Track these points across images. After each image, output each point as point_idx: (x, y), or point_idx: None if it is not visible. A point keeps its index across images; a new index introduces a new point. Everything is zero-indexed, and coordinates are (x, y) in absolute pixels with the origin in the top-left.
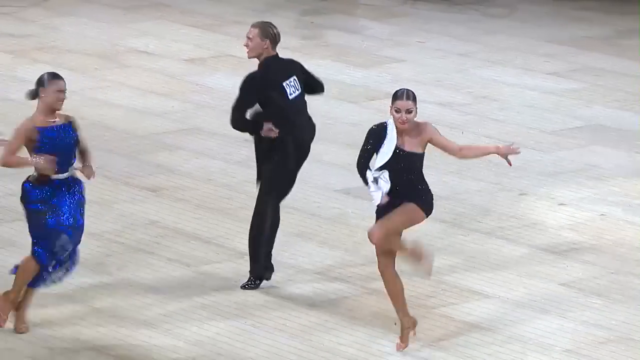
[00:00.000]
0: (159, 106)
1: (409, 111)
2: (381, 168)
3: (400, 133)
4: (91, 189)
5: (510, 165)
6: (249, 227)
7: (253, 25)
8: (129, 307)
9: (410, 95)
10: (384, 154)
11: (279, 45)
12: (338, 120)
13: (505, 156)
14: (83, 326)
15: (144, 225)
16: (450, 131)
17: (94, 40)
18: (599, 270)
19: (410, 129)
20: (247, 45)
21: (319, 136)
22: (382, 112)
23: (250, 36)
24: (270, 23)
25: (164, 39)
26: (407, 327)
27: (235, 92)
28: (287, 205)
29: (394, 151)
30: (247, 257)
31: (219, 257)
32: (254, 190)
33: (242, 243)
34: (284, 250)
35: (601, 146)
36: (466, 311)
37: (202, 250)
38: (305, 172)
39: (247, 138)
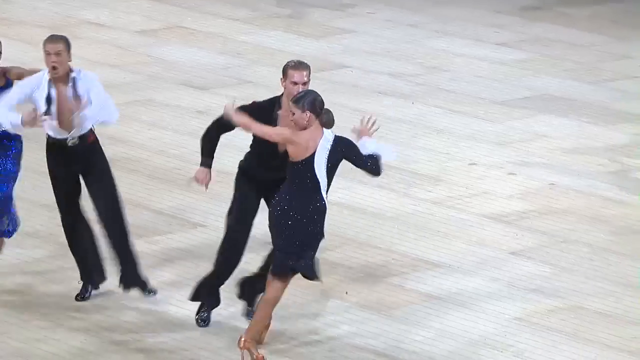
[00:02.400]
0: (111, 78)
1: None
2: None
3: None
4: (44, 160)
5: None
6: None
7: None
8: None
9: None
10: None
11: (230, 17)
12: None
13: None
14: (35, 296)
15: None
16: (400, 101)
17: (45, 11)
18: (548, 239)
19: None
20: None
21: None
22: (332, 82)
23: None
24: None
25: (115, 11)
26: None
27: (188, 64)
28: None
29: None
30: (199, 228)
31: (171, 227)
32: None
33: (194, 214)
34: None
35: (550, 116)
36: (417, 280)
37: (154, 221)
38: None
39: (200, 109)
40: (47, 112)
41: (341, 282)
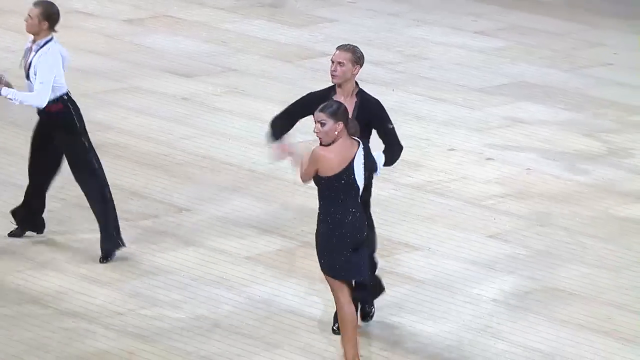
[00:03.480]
0: (99, 65)
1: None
2: None
3: None
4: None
5: None
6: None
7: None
8: (69, 261)
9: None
10: None
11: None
12: (272, 78)
13: None
14: (25, 280)
15: None
16: (381, 89)
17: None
18: (524, 223)
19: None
20: None
21: (255, 94)
22: (315, 70)
23: None
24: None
25: (103, 0)
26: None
27: (174, 52)
28: (223, 161)
29: None
30: (185, 212)
31: (158, 211)
32: (190, 146)
33: (180, 198)
34: (221, 205)
35: (527, 102)
36: (397, 263)
37: (141, 206)
38: (241, 129)
39: (185, 96)
40: None
41: None
